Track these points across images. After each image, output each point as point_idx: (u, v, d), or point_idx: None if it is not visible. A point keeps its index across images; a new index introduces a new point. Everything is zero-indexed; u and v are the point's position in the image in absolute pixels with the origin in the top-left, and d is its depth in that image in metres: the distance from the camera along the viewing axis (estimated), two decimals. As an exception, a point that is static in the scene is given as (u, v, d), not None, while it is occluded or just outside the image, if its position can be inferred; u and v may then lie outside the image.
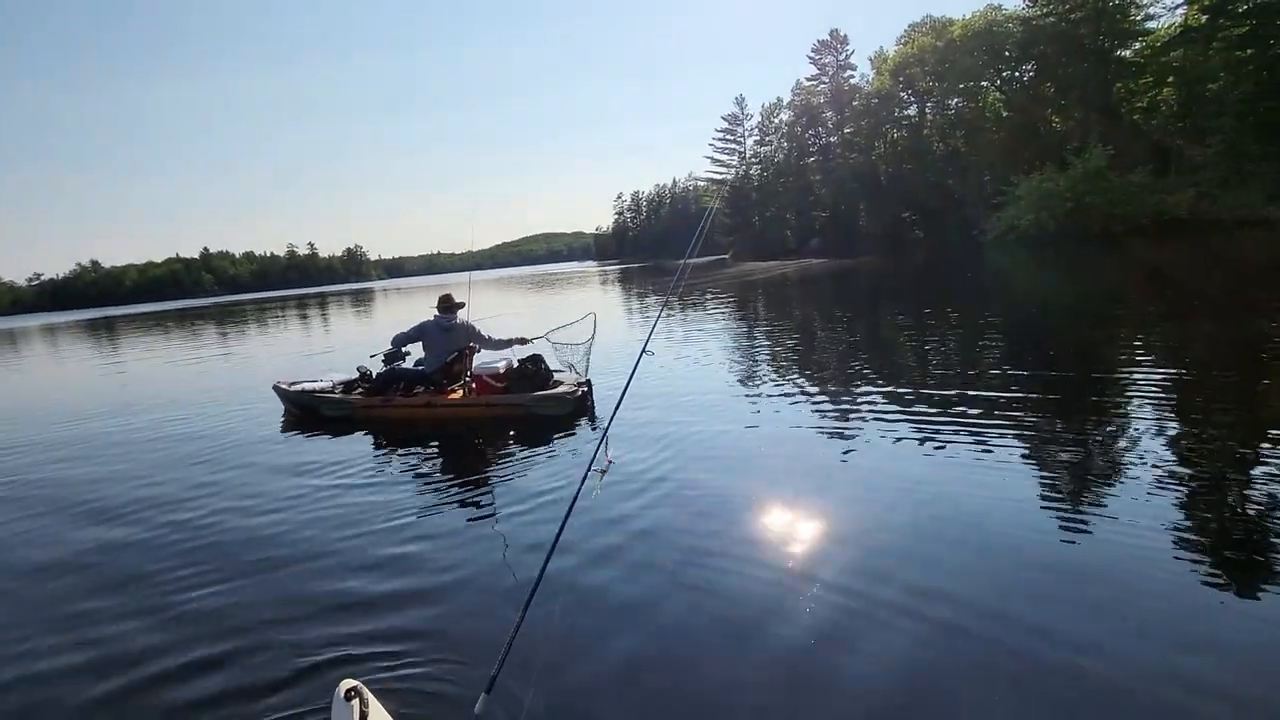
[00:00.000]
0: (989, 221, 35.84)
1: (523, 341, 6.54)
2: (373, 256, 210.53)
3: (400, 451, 5.68)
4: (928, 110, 50.25)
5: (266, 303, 64.55)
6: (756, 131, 69.10)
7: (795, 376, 7.39)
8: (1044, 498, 3.70)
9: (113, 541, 4.19)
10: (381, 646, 2.67)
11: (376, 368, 6.90)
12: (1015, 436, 4.67)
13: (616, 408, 3.20)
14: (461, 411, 6.25)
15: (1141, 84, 37.37)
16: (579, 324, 6.52)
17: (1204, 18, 31.92)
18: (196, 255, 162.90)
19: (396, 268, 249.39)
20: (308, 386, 6.99)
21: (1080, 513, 3.45)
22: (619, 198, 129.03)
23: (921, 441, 4.73)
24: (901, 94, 50.50)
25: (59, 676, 2.74)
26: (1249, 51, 30.21)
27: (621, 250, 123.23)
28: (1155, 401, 5.32)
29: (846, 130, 55.80)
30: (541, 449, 5.38)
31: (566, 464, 4.88)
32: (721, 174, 75.32)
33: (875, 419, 5.41)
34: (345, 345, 17.25)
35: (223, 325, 30.42)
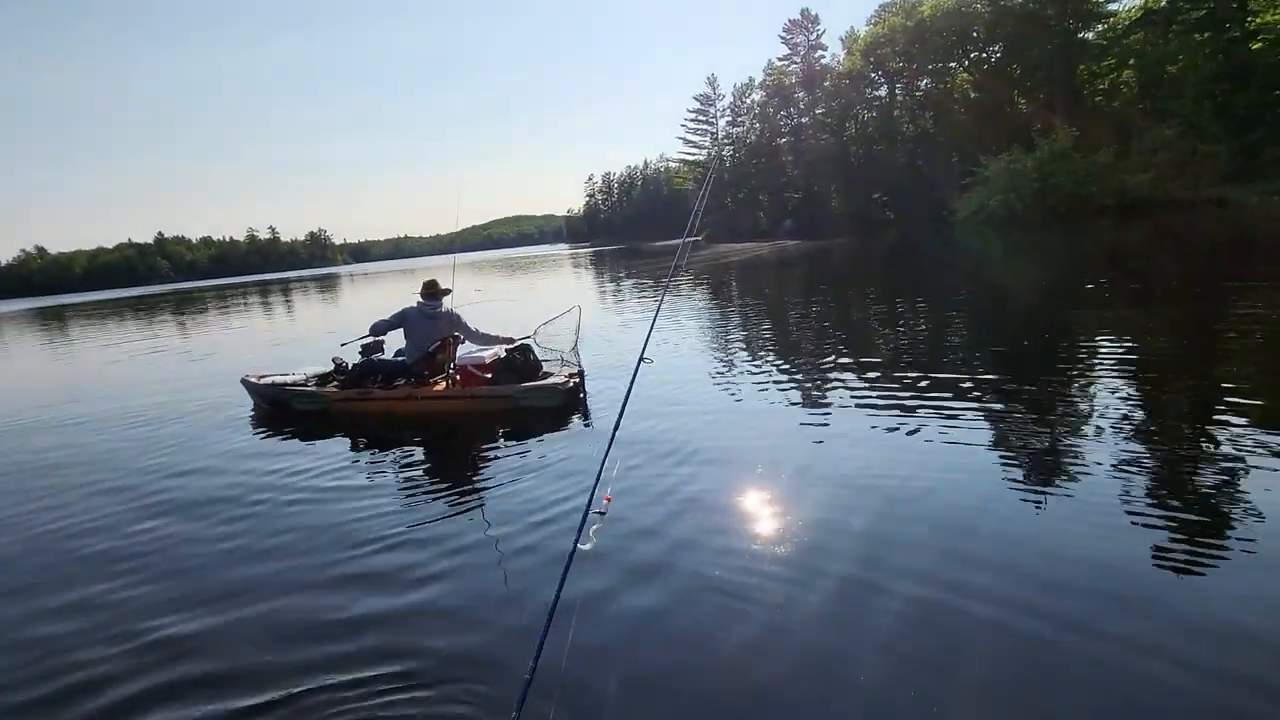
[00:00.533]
0: (958, 202, 36.29)
1: (509, 342, 6.22)
2: (337, 240, 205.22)
3: (379, 450, 5.46)
4: (898, 91, 50.53)
5: (227, 289, 62.46)
6: (729, 112, 68.86)
7: (794, 368, 7.28)
8: (1035, 477, 3.71)
9: (59, 560, 3.84)
10: (383, 668, 2.50)
11: (352, 358, 6.55)
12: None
13: (612, 439, 2.54)
14: (445, 405, 5.96)
15: (1104, 66, 38.09)
16: (564, 317, 6.31)
17: (1164, 1, 32.56)
18: (150, 240, 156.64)
19: (362, 252, 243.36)
20: (278, 380, 6.63)
21: (1059, 488, 3.65)
22: (590, 179, 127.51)
23: (915, 429, 4.70)
24: (872, 75, 50.66)
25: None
26: (1206, 35, 30.97)
27: (593, 233, 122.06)
28: (1116, 379, 5.59)
29: (818, 111, 55.82)
30: (533, 448, 5.08)
31: (561, 470, 4.52)
32: (694, 155, 74.96)
33: (870, 404, 5.38)
34: (313, 334, 16.77)
35: (181, 313, 29.33)
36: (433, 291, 6.14)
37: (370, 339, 6.41)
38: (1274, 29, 29.38)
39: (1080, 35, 38.96)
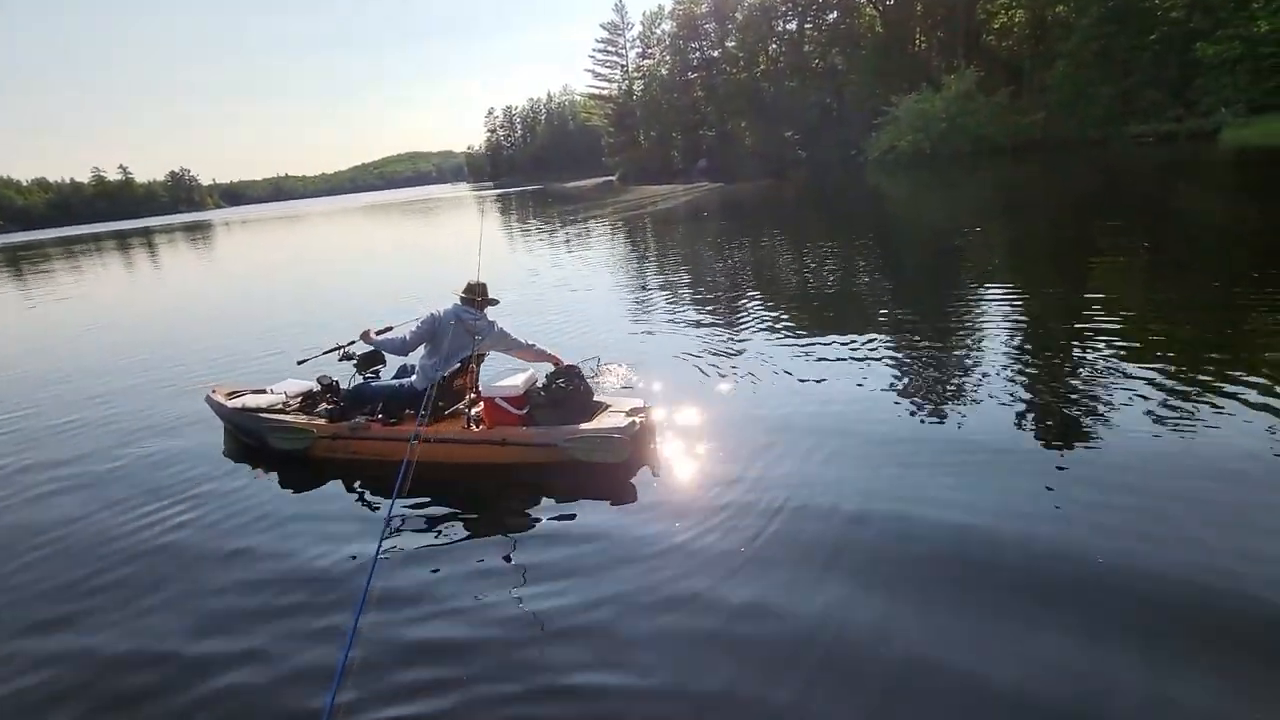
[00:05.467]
0: (869, 142, 37.11)
1: (556, 362, 4.71)
2: (205, 181, 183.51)
3: (365, 508, 3.96)
4: (807, 25, 50.18)
5: (74, 241, 54.37)
6: (639, 43, 66.05)
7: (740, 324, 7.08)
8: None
9: None
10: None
11: (339, 372, 4.87)
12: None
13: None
14: (464, 452, 4.27)
15: (998, 5, 39.39)
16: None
17: (1056, -60, 33.70)
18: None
19: (236, 194, 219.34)
20: (251, 402, 4.96)
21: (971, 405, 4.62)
22: (490, 114, 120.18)
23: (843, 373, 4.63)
24: (781, 6, 49.87)
25: None
26: (1092, -24, 32.49)
27: (497, 172, 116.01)
28: (1007, 307, 6.91)
29: (728, 43, 54.63)
30: (599, 533, 3.43)
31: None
32: (603, 89, 71.89)
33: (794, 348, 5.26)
34: (222, 310, 14.79)
35: (22, 276, 25.00)
36: (479, 297, 4.61)
37: (369, 352, 4.70)
38: (1151, -27, 31.24)
39: (980, -27, 39.86)
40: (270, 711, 2.47)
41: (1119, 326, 5.86)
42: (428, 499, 3.91)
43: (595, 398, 4.46)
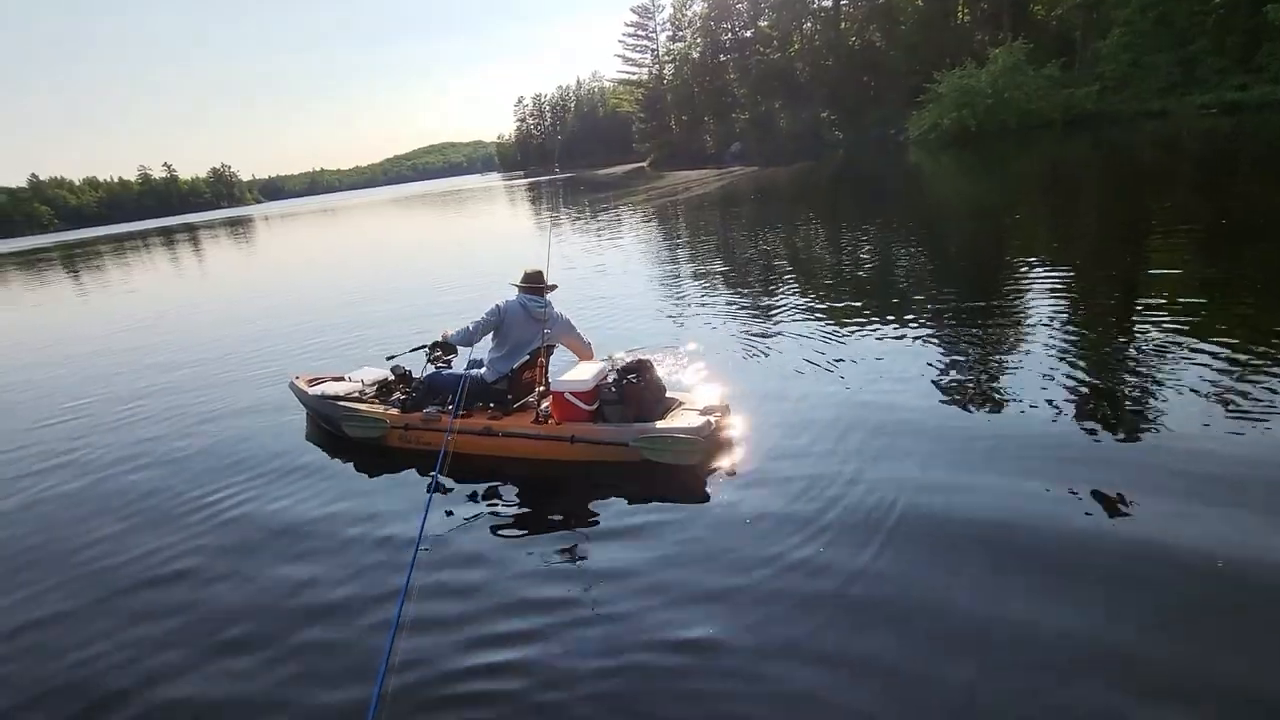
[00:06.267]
0: (910, 121, 35.94)
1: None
2: (245, 176, 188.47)
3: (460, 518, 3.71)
4: (844, 2, 48.75)
5: (124, 238, 56.44)
6: (669, 26, 65.14)
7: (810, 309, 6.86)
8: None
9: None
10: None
11: (412, 362, 4.98)
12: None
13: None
14: (532, 447, 4.18)
15: (1050, -27, 37.58)
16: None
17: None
18: (24, 184, 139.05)
19: (275, 188, 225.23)
20: (330, 389, 5.08)
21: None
22: (520, 102, 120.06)
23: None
24: (816, -18, 48.57)
25: None
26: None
27: (527, 160, 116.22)
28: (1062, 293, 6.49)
29: (761, 23, 53.47)
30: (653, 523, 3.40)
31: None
32: (634, 74, 71.23)
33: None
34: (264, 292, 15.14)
35: (95, 269, 26.04)
36: (538, 284, 4.54)
37: (442, 343, 4.67)
38: (1215, -65, 29.42)
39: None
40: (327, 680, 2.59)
41: (1181, 309, 5.53)
42: (494, 493, 3.97)
43: (669, 393, 4.29)
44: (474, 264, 15.17)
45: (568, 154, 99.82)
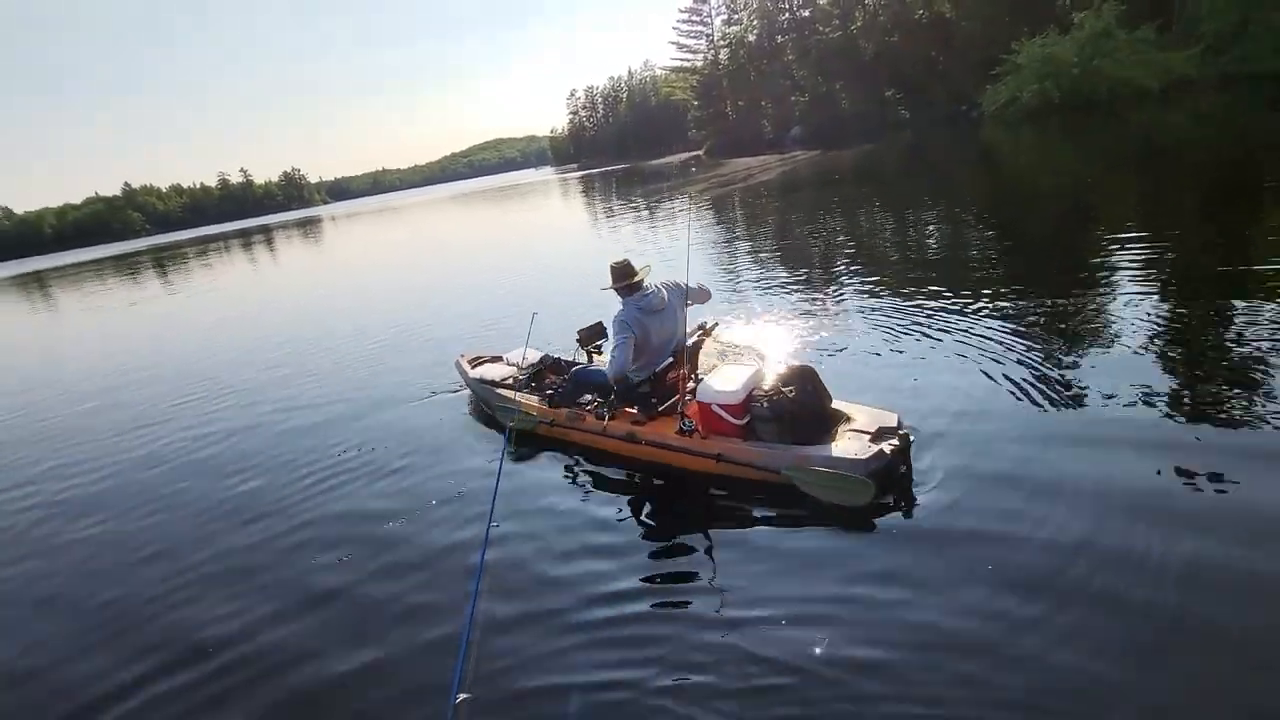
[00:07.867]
0: (985, 95, 34.04)
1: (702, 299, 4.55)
2: (312, 179, 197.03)
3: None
4: (911, -28, 46.53)
5: (208, 241, 59.95)
6: (724, 9, 63.89)
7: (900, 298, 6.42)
8: None
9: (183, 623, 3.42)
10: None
11: (564, 346, 5.09)
12: None
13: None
14: (674, 458, 3.87)
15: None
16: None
17: None
18: (118, 192, 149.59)
19: (340, 189, 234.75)
20: (489, 372, 5.29)
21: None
22: (572, 95, 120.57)
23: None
24: (881, -46, 46.52)
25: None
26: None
27: (580, 153, 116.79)
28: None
29: (821, 1, 51.71)
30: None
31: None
32: (688, 61, 70.30)
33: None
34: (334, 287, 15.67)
35: (184, 268, 27.74)
36: (632, 277, 4.21)
37: (592, 335, 4.89)
38: None
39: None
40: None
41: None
42: (632, 488, 4.01)
43: (835, 402, 3.73)
44: (572, 257, 15.30)
45: (621, 145, 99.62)
